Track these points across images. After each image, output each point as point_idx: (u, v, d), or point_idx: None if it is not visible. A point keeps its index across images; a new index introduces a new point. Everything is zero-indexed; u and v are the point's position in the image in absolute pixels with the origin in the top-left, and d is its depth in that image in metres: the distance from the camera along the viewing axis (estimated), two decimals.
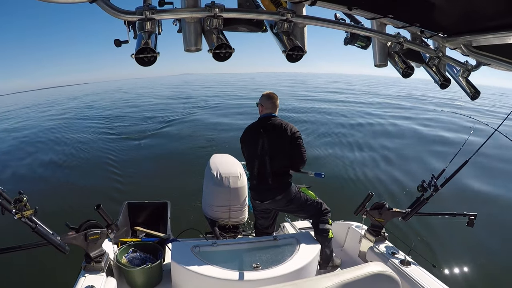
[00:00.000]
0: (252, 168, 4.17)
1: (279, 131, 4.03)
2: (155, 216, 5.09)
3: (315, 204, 4.06)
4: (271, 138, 4.03)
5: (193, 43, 1.65)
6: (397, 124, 19.91)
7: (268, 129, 4.08)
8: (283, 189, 4.01)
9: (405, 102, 34.50)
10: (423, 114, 24.71)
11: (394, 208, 4.02)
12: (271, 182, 4.01)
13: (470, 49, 2.06)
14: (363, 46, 2.10)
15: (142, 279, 3.51)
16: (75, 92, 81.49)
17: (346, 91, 50.24)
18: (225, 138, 15.15)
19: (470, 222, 3.68)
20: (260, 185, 4.11)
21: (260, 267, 3.15)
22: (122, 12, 1.44)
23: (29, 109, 40.18)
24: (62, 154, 13.08)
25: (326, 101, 33.17)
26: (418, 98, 42.45)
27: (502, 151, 12.67)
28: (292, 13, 1.71)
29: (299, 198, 4.04)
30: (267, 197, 4.09)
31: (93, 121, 21.81)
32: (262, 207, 4.26)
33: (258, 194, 4.18)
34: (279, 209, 4.32)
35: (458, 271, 6.03)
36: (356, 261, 4.22)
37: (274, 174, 4.01)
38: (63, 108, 34.84)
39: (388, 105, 30.94)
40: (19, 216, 2.65)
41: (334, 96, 39.17)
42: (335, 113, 23.64)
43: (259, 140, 4.06)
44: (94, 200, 3.52)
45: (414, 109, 28.69)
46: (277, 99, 4.25)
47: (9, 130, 21.54)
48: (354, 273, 1.67)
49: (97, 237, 3.18)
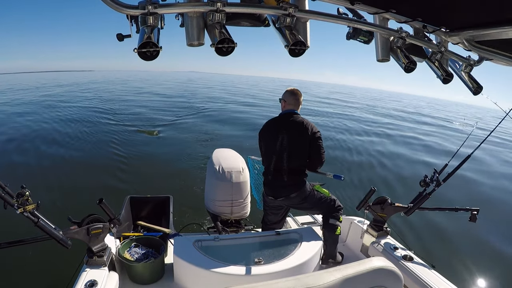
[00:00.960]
0: (268, 163, 4.13)
1: (300, 129, 3.96)
2: (158, 211, 5.08)
3: (328, 201, 4.04)
4: (291, 135, 3.97)
5: (195, 37, 1.65)
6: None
7: (289, 126, 4.01)
8: (298, 187, 3.98)
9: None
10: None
11: (396, 203, 4.01)
12: (286, 179, 3.97)
13: (473, 44, 2.06)
14: (366, 41, 2.10)
15: (144, 273, 3.51)
16: (81, 79, 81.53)
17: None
18: (227, 133, 15.15)
19: (472, 217, 3.67)
20: (275, 182, 4.07)
21: (263, 261, 3.15)
22: (124, 7, 1.44)
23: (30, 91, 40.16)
24: (65, 147, 13.04)
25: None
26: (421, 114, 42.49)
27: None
28: (295, 8, 1.71)
29: (313, 196, 4.02)
30: (281, 194, 4.06)
31: (96, 113, 21.72)
32: (274, 203, 4.22)
33: (272, 190, 4.13)
34: (293, 206, 4.29)
35: (460, 265, 6.03)
36: (358, 256, 4.23)
37: (290, 171, 3.97)
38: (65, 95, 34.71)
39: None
40: (21, 211, 2.65)
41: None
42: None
43: (279, 136, 4.01)
44: (97, 195, 3.52)
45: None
46: (300, 96, 4.18)
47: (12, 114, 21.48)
48: (356, 268, 1.68)
49: (100, 232, 3.19)
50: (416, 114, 39.44)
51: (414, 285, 3.26)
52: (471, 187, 9.27)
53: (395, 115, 34.97)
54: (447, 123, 34.06)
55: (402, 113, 38.64)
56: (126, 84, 59.79)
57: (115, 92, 40.21)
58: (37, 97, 32.68)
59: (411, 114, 38.59)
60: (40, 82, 58.98)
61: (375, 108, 42.68)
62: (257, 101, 35.23)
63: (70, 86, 47.53)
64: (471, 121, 24.73)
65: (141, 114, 21.74)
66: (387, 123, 26.37)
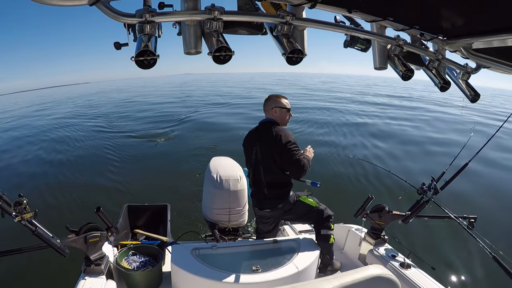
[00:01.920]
0: (249, 175, 4.10)
1: (269, 140, 3.75)
2: (155, 219, 5.08)
3: (315, 213, 3.93)
4: (262, 147, 3.84)
5: (193, 45, 1.65)
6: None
7: (261, 137, 3.87)
8: (280, 199, 3.87)
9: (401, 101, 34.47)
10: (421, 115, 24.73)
11: (394, 211, 4.01)
12: (266, 192, 3.88)
13: (470, 51, 2.06)
14: (363, 49, 2.10)
15: (142, 282, 3.50)
16: (76, 92, 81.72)
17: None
18: (225, 140, 15.13)
19: (470, 225, 3.67)
20: (257, 194, 4.01)
21: (260, 270, 3.15)
22: (122, 15, 1.44)
23: (29, 108, 40.24)
24: (62, 156, 13.06)
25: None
26: (413, 97, 42.60)
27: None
28: (292, 16, 1.71)
29: (297, 208, 3.91)
30: (264, 206, 4.00)
31: (92, 122, 21.77)
32: (261, 213, 4.19)
33: (256, 201, 4.09)
34: (278, 218, 4.25)
35: (458, 274, 6.02)
36: (356, 264, 4.22)
37: (270, 184, 3.86)
38: (62, 108, 34.79)
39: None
40: (19, 219, 2.65)
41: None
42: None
43: (253, 148, 3.91)
44: (94, 203, 3.52)
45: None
46: (268, 101, 3.95)
47: (7, 129, 21.57)
48: (354, 276, 1.67)
49: (97, 240, 3.18)
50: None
51: None
52: (468, 195, 9.26)
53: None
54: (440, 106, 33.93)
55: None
56: (121, 93, 59.78)
57: (111, 102, 40.24)
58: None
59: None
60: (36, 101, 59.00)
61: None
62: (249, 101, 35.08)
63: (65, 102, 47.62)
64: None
65: (137, 122, 21.73)
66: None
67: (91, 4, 1.31)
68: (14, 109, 41.06)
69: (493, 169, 11.88)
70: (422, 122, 22.08)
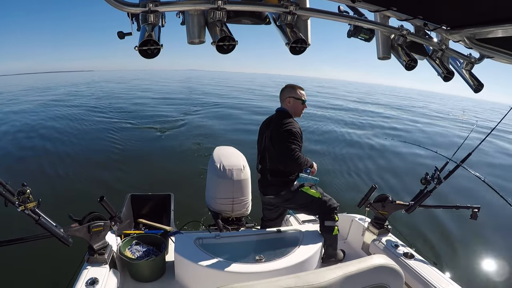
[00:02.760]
0: (257, 161, 4.16)
1: (275, 128, 3.84)
2: (159, 208, 5.10)
3: (319, 203, 3.93)
4: (270, 134, 3.92)
5: (196, 35, 1.65)
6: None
7: (271, 125, 3.96)
8: (281, 187, 3.92)
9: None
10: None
11: (397, 201, 4.01)
12: (270, 178, 3.95)
13: (474, 41, 2.05)
14: (367, 39, 2.10)
15: (145, 271, 3.52)
16: (82, 79, 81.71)
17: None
18: (228, 130, 15.14)
19: (473, 215, 3.67)
20: (262, 180, 4.09)
21: (264, 259, 3.16)
22: (125, 5, 1.44)
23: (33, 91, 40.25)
24: (66, 145, 13.06)
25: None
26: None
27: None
28: (296, 6, 1.71)
29: (298, 197, 3.93)
30: (267, 192, 4.06)
31: (97, 111, 21.73)
32: (266, 200, 4.23)
33: (261, 187, 4.15)
34: (281, 205, 4.27)
35: (461, 262, 6.04)
36: (359, 254, 4.23)
37: (273, 171, 3.93)
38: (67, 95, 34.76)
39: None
40: (22, 208, 2.65)
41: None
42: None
43: (264, 134, 4.01)
44: (98, 192, 3.52)
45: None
46: (284, 90, 4.02)
47: (12, 112, 21.57)
48: (358, 266, 1.68)
49: (100, 229, 3.19)
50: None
51: (415, 283, 3.26)
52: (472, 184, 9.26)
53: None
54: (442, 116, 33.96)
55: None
56: (125, 83, 59.74)
57: (113, 91, 40.21)
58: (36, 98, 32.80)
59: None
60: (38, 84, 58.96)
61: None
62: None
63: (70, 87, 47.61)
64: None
65: (140, 112, 21.75)
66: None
67: None
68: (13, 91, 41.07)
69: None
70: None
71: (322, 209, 3.93)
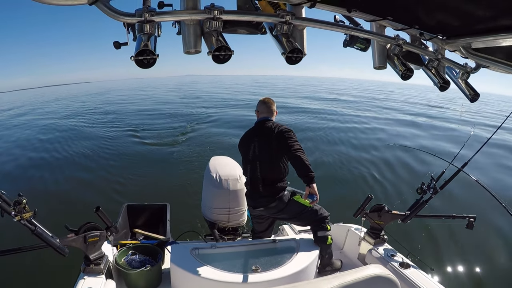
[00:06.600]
0: (245, 173, 4.13)
1: (267, 134, 3.89)
2: (155, 219, 5.08)
3: (310, 213, 3.92)
4: (260, 142, 3.95)
5: (192, 45, 1.65)
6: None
7: (259, 133, 4.01)
8: (274, 197, 3.90)
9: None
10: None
11: (393, 211, 4.01)
12: (261, 189, 3.92)
13: (470, 51, 2.06)
14: (363, 48, 2.11)
15: (141, 281, 3.50)
16: (78, 91, 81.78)
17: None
18: (224, 140, 15.13)
19: (469, 225, 3.67)
20: (253, 192, 4.04)
21: (260, 269, 3.15)
22: (121, 14, 1.44)
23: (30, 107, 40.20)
24: (62, 155, 13.04)
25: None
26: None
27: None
28: (292, 15, 1.71)
29: (291, 207, 3.93)
30: (258, 205, 4.03)
31: (93, 122, 21.73)
32: (255, 213, 4.21)
33: (251, 200, 4.12)
34: (272, 217, 4.24)
35: (457, 273, 6.02)
36: (355, 264, 4.22)
37: (265, 180, 3.91)
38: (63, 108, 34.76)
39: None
40: (18, 219, 2.64)
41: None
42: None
43: (251, 144, 3.99)
44: (94, 202, 3.52)
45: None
46: (272, 104, 4.15)
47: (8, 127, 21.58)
48: (354, 276, 1.67)
49: (97, 240, 3.18)
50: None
51: None
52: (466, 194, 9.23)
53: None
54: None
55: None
56: (121, 93, 59.80)
57: (110, 102, 40.20)
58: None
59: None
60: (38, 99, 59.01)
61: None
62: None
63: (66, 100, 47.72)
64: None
65: (135, 122, 21.67)
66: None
67: (90, 3, 1.31)
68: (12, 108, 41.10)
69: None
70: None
71: (314, 218, 3.91)
